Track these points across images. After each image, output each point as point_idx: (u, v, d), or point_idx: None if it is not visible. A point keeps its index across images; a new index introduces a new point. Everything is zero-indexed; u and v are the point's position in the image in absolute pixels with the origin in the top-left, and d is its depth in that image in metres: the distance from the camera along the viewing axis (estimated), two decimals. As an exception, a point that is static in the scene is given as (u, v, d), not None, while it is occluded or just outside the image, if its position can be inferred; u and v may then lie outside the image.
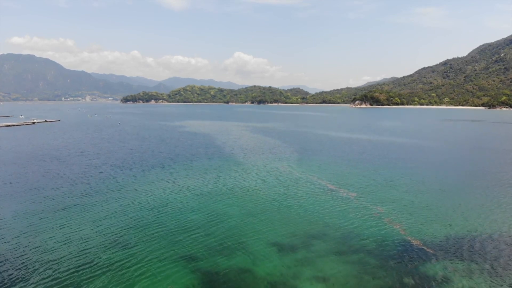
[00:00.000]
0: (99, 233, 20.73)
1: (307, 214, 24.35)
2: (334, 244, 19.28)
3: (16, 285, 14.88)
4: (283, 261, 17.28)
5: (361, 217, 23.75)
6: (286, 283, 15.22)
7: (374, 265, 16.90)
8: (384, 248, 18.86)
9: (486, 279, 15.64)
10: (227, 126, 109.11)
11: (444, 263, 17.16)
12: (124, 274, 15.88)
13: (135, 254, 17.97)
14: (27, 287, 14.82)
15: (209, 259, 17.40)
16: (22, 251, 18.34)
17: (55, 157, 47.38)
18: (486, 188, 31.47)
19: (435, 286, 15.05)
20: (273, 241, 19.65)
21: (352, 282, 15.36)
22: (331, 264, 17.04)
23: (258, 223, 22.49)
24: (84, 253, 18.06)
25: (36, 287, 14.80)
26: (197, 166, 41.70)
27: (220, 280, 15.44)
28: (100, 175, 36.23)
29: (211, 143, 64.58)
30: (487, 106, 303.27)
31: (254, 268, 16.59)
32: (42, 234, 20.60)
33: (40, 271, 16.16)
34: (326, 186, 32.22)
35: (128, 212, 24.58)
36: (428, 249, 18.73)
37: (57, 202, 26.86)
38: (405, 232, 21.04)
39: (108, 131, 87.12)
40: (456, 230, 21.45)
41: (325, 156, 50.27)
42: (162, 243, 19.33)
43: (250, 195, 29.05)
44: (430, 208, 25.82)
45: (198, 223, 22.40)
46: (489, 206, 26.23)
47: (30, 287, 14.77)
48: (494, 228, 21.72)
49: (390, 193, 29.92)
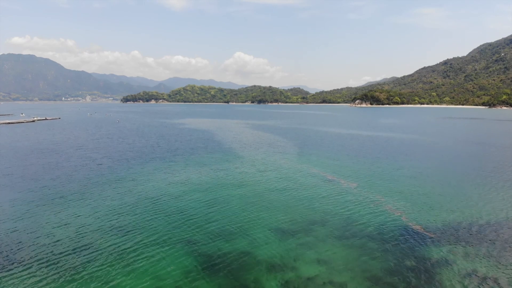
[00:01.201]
0: (96, 219, 20.68)
1: (306, 202, 24.26)
2: (334, 230, 19.20)
3: (14, 267, 14.81)
4: (283, 245, 17.20)
5: (361, 205, 23.68)
6: (287, 264, 15.14)
7: (374, 248, 16.82)
8: (384, 232, 18.79)
9: (483, 260, 15.60)
10: (226, 123, 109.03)
11: (444, 246, 17.10)
12: (122, 256, 15.81)
13: (132, 237, 17.91)
14: (24, 269, 14.76)
15: (208, 243, 17.32)
16: (18, 235, 18.30)
17: (54, 150, 47.34)
18: (485, 179, 31.37)
19: (434, 267, 14.99)
20: (273, 227, 19.57)
21: (352, 263, 15.29)
22: (332, 247, 16.97)
23: (258, 210, 22.41)
24: (81, 237, 18.00)
25: (34, 269, 14.73)
26: (196, 159, 41.63)
27: (220, 262, 15.35)
28: (98, 167, 36.17)
29: (210, 138, 64.52)
30: (488, 105, 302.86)
31: (254, 251, 16.51)
32: (39, 219, 20.54)
33: (37, 254, 16.10)
34: (326, 177, 32.14)
35: (125, 200, 24.52)
36: (428, 233, 18.68)
37: (54, 191, 26.80)
38: (405, 218, 20.98)
39: (107, 128, 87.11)
40: (455, 216, 21.40)
41: (324, 149, 50.18)
42: (159, 228, 19.27)
43: (250, 185, 28.97)
44: (429, 196, 25.76)
45: (197, 210, 22.33)
46: (487, 195, 26.17)
47: (28, 269, 14.70)
48: (492, 215, 21.65)
49: (390, 183, 29.84)
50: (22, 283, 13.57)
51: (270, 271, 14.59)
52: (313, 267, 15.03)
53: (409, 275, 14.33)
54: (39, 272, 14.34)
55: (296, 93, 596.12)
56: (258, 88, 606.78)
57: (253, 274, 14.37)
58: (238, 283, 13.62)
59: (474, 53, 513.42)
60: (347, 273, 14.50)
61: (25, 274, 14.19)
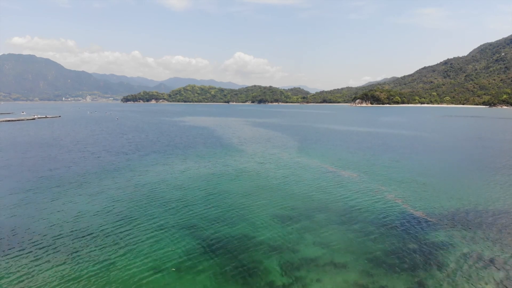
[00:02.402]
0: (94, 205, 20.48)
1: (306, 191, 24.05)
2: (335, 216, 18.99)
3: (12, 251, 14.61)
4: (284, 229, 16.99)
5: (361, 193, 23.48)
6: (287, 247, 14.93)
7: (375, 232, 16.62)
8: (385, 218, 18.59)
9: (481, 242, 15.42)
10: (226, 121, 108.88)
11: (444, 230, 16.92)
12: (120, 239, 15.59)
13: (130, 222, 17.70)
14: (23, 251, 14.57)
15: (207, 227, 17.11)
16: (15, 220, 18.11)
17: (53, 145, 47.19)
18: (483, 170, 31.19)
19: (434, 248, 14.79)
20: (273, 213, 19.35)
21: (353, 246, 15.08)
22: (332, 231, 16.76)
23: (257, 198, 22.16)
24: (78, 221, 17.79)
25: (32, 251, 14.52)
26: (195, 152, 41.45)
27: (219, 244, 15.14)
28: (97, 159, 35.99)
29: (209, 134, 64.37)
30: (488, 104, 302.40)
31: (254, 234, 16.31)
32: (36, 206, 20.33)
33: (34, 237, 15.88)
34: (326, 168, 31.95)
35: (123, 188, 24.33)
36: (428, 218, 18.50)
37: (52, 180, 26.62)
38: (406, 205, 20.79)
39: (106, 125, 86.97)
40: (455, 203, 21.24)
41: (324, 144, 50.00)
42: (158, 213, 19.07)
43: (249, 176, 28.76)
44: (429, 185, 25.57)
45: (196, 198, 22.13)
46: (485, 184, 26.00)
47: (26, 252, 14.50)
48: (490, 202, 21.47)
49: (390, 173, 29.64)
50: (20, 264, 13.37)
51: (270, 252, 14.39)
52: (313, 249, 14.83)
53: (410, 256, 14.12)
54: (37, 254, 14.13)
55: (296, 93, 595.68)
56: (259, 88, 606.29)
57: (253, 255, 14.17)
58: (238, 264, 13.41)
59: (475, 53, 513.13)
60: (348, 254, 14.30)
61: (23, 256, 13.99)
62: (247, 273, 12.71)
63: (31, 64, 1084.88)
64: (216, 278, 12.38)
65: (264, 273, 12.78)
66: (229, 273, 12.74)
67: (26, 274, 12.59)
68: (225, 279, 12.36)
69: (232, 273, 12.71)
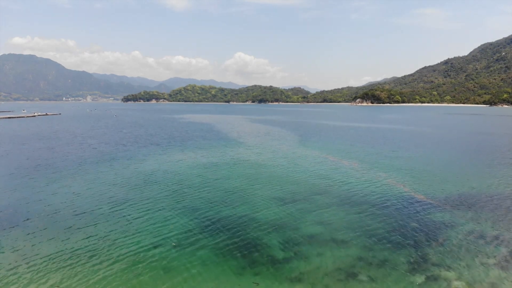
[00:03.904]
0: (90, 188, 20.21)
1: (307, 177, 23.70)
2: (336, 199, 18.64)
3: (10, 232, 14.31)
4: (284, 210, 16.67)
5: (362, 179, 23.18)
6: (288, 226, 14.61)
7: (376, 213, 16.30)
8: (386, 200, 18.28)
9: (482, 222, 15.10)
10: (226, 118, 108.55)
11: (445, 211, 16.60)
12: (119, 219, 15.27)
13: (129, 204, 17.39)
14: (18, 229, 14.28)
15: (207, 209, 16.77)
16: (10, 201, 17.84)
17: (52, 138, 46.93)
18: (483, 159, 30.87)
19: (435, 227, 14.48)
20: (273, 196, 19.02)
21: (354, 225, 14.76)
22: (333, 212, 16.45)
23: (258, 183, 21.83)
24: (75, 202, 17.48)
25: (30, 231, 14.23)
26: (194, 144, 41.17)
27: (220, 224, 14.80)
28: (94, 150, 35.70)
29: (209, 129, 64.09)
30: (488, 103, 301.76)
31: (254, 214, 16.00)
32: (32, 189, 20.06)
33: (30, 216, 15.59)
34: (326, 158, 31.63)
35: (121, 174, 24.05)
36: (429, 200, 18.20)
37: (49, 168, 26.35)
38: (407, 189, 20.48)
39: (106, 121, 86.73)
40: (456, 188, 20.95)
41: (323, 137, 49.68)
42: (156, 196, 18.75)
43: (248, 164, 28.44)
44: (430, 172, 25.29)
45: (195, 183, 21.80)
46: (486, 171, 25.71)
47: (22, 234, 14.21)
48: (492, 187, 21.18)
49: (390, 162, 29.32)
50: (16, 241, 13.08)
51: (271, 230, 14.07)
52: (314, 227, 14.51)
53: (412, 233, 13.81)
54: (32, 231, 13.84)
55: (296, 92, 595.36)
56: (259, 87, 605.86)
57: (253, 232, 13.86)
58: (238, 240, 13.10)
59: (475, 52, 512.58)
60: (349, 232, 13.97)
61: (19, 233, 13.70)
62: (247, 248, 12.40)
63: (32, 64, 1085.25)
64: (216, 253, 12.08)
65: (264, 248, 12.47)
66: (229, 248, 12.44)
67: (22, 249, 12.30)
68: (225, 253, 12.05)
69: (232, 248, 12.41)
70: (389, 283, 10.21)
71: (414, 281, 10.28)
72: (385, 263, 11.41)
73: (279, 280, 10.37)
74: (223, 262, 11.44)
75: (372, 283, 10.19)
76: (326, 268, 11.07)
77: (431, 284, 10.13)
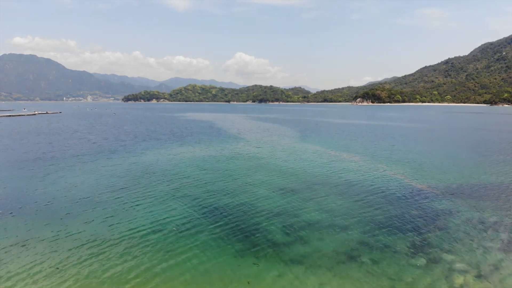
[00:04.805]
0: (89, 178, 20.11)
1: (307, 168, 23.57)
2: (336, 188, 18.49)
3: (5, 218, 14.23)
4: (284, 198, 16.52)
5: (362, 170, 23.05)
6: (288, 212, 14.47)
7: (377, 201, 16.16)
8: (387, 189, 18.13)
9: (484, 210, 14.95)
10: (226, 116, 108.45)
11: (446, 199, 16.46)
12: (117, 205, 15.14)
13: (127, 192, 17.25)
14: (16, 219, 14.16)
15: (206, 197, 16.62)
16: (7, 190, 17.74)
17: (51, 133, 46.88)
18: (482, 151, 30.73)
19: (436, 214, 14.35)
20: (273, 186, 18.86)
21: (355, 211, 14.61)
22: (333, 200, 16.31)
23: (257, 174, 21.69)
24: (72, 191, 17.35)
25: (25, 219, 14.11)
26: (193, 139, 41.07)
27: (220, 211, 14.65)
28: (93, 144, 35.61)
29: (208, 126, 64.00)
30: (489, 103, 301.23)
31: (254, 202, 15.84)
32: (29, 180, 19.96)
33: (28, 203, 15.47)
34: (326, 151, 31.49)
35: (119, 165, 23.95)
36: (430, 189, 18.09)
37: (47, 160, 26.25)
38: (407, 180, 20.35)
39: (105, 118, 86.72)
40: (454, 178, 20.83)
41: (323, 133, 49.55)
42: (155, 185, 18.63)
43: (248, 156, 28.32)
44: (430, 163, 25.21)
45: (194, 174, 21.68)
46: (485, 162, 25.55)
47: (19, 220, 14.09)
48: (490, 178, 21.03)
49: (390, 155, 29.20)
50: (14, 227, 12.97)
51: (270, 217, 13.93)
52: (314, 214, 14.37)
53: (412, 219, 13.67)
54: (31, 219, 13.73)
55: (297, 92, 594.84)
56: (259, 87, 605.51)
57: (254, 218, 13.74)
58: (239, 225, 12.98)
59: (476, 52, 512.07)
60: (349, 218, 13.83)
61: (17, 221, 13.59)
62: (247, 233, 12.28)
63: (32, 64, 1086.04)
64: (215, 236, 11.96)
65: (264, 233, 12.33)
66: (229, 232, 12.31)
67: (18, 234, 12.19)
68: (224, 237, 11.92)
69: (232, 233, 12.29)
70: (390, 265, 10.08)
71: (415, 263, 10.15)
72: (386, 246, 11.28)
73: (278, 261, 10.24)
74: (223, 245, 11.32)
75: (373, 265, 10.05)
76: (327, 251, 10.94)
77: (432, 266, 10.00)
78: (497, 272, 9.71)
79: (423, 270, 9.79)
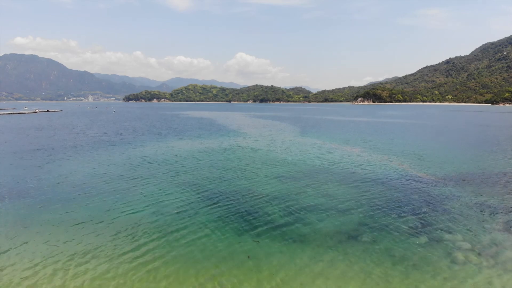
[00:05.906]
0: (87, 167, 20.12)
1: (306, 158, 23.52)
2: (337, 176, 18.42)
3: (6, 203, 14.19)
4: (284, 186, 16.47)
5: (362, 160, 23.02)
6: (288, 197, 14.40)
7: (379, 188, 16.07)
8: (388, 177, 18.08)
9: (484, 195, 14.89)
10: (226, 114, 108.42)
11: (447, 186, 16.41)
12: (117, 193, 15.10)
13: (127, 180, 17.25)
14: (16, 204, 14.12)
15: (208, 184, 16.61)
16: (5, 179, 17.70)
17: (51, 129, 46.92)
18: (482, 144, 30.62)
19: (437, 199, 14.28)
20: (273, 175, 18.79)
21: (357, 197, 14.53)
22: (334, 186, 16.26)
23: (257, 164, 21.60)
24: (71, 179, 17.34)
25: (26, 203, 14.09)
26: (193, 134, 41.07)
27: (220, 196, 14.62)
28: (91, 138, 35.62)
29: (208, 123, 63.99)
30: (490, 102, 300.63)
31: (254, 188, 15.81)
32: (27, 168, 19.95)
33: (27, 193, 15.44)
34: (326, 143, 31.40)
35: (117, 156, 23.97)
36: (432, 177, 18.02)
37: (45, 152, 26.28)
38: (408, 169, 20.28)
39: (105, 116, 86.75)
40: (453, 167, 20.85)
41: (323, 129, 49.47)
42: (153, 173, 18.61)
43: (247, 148, 28.28)
44: (431, 155, 25.13)
45: (192, 163, 21.66)
46: (482, 154, 25.47)
47: (19, 204, 14.06)
48: (488, 167, 20.96)
49: (390, 147, 29.13)
50: (14, 212, 12.93)
51: (270, 201, 13.87)
52: (315, 198, 14.31)
53: (413, 204, 13.61)
54: (31, 204, 13.70)
55: (298, 92, 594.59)
56: (260, 87, 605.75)
57: (254, 202, 13.70)
58: (239, 208, 12.93)
59: (477, 52, 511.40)
60: (349, 202, 13.76)
61: (17, 206, 13.56)
62: (247, 215, 12.24)
63: (34, 64, 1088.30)
64: (216, 218, 11.93)
65: (264, 215, 12.27)
66: (229, 215, 12.29)
67: (18, 217, 12.16)
68: (225, 218, 11.89)
69: (232, 215, 12.26)
70: (392, 243, 10.01)
71: (416, 242, 10.07)
72: (386, 227, 11.21)
73: (279, 239, 10.18)
74: (224, 225, 11.29)
75: (373, 244, 9.98)
76: (327, 232, 10.87)
77: (434, 245, 9.92)
78: (496, 248, 9.70)
79: (426, 248, 9.72)
